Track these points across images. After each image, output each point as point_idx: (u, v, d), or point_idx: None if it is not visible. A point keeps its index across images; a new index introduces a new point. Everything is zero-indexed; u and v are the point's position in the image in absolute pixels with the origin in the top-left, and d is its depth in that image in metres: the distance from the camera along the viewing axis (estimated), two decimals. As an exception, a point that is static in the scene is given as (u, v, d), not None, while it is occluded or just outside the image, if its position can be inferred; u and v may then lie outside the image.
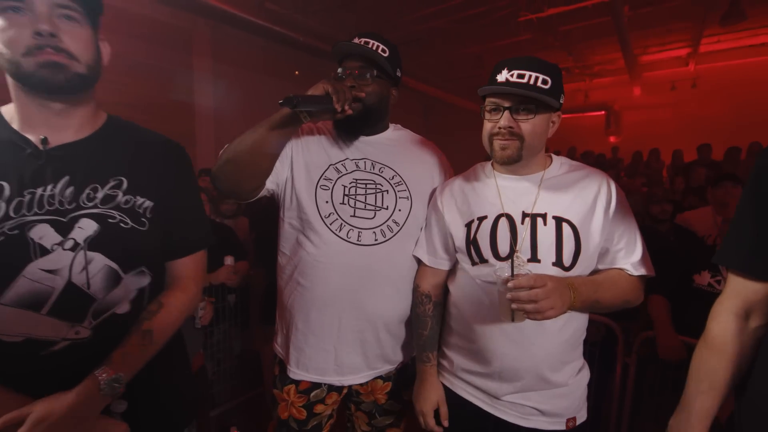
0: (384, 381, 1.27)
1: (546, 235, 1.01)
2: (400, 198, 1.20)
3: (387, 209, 1.18)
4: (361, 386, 1.26)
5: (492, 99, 1.02)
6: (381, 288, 1.18)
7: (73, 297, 0.80)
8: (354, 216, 1.16)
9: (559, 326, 1.02)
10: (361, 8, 5.58)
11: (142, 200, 0.88)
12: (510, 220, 1.04)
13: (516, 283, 0.88)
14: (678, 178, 4.90)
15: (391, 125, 1.32)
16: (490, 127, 1.03)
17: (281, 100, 0.97)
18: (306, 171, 1.19)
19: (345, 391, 1.28)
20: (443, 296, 1.21)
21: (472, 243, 1.07)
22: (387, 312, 1.20)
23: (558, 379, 1.05)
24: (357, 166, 1.21)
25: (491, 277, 0.98)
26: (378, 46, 1.16)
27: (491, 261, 1.04)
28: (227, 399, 2.70)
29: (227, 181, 1.13)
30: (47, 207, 0.80)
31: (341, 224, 1.16)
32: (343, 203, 1.17)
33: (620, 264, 1.05)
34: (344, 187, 1.18)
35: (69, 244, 0.80)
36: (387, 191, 1.20)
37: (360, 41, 1.16)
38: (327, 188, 1.18)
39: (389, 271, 1.19)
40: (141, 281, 0.89)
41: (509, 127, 0.99)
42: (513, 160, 1.02)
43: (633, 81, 8.54)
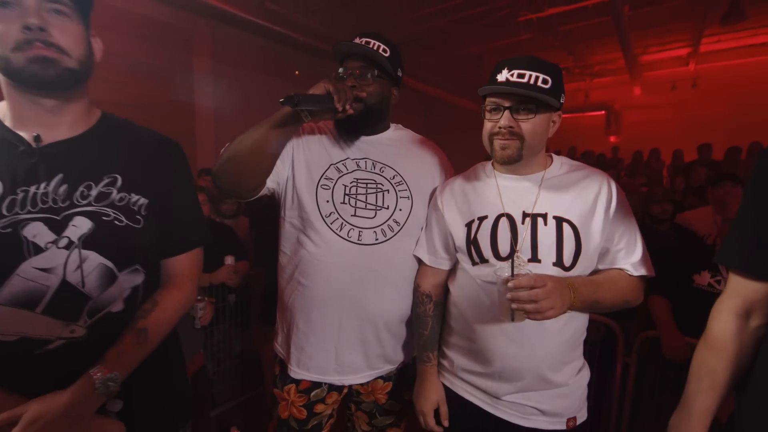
0: (384, 381, 1.27)
1: (546, 235, 1.01)
2: (401, 197, 1.20)
3: (388, 209, 1.18)
4: (362, 386, 1.26)
5: (492, 99, 1.02)
6: (382, 287, 1.18)
7: (68, 296, 0.79)
8: (355, 215, 1.16)
9: (560, 326, 1.02)
10: (361, 8, 5.57)
11: (137, 198, 0.87)
12: (510, 220, 1.04)
13: (516, 283, 0.88)
14: (678, 178, 4.90)
15: (392, 125, 1.32)
16: (491, 127, 1.03)
17: (282, 99, 0.97)
18: (307, 170, 1.19)
19: (345, 391, 1.28)
20: (444, 296, 1.21)
21: (473, 243, 1.07)
22: (388, 311, 1.20)
23: (558, 379, 1.05)
24: (358, 166, 1.21)
25: (492, 277, 0.98)
26: (379, 46, 1.16)
27: (492, 261, 1.04)
28: (227, 399, 2.70)
29: (228, 180, 1.13)
30: (41, 205, 0.79)
31: (342, 223, 1.16)
32: (344, 202, 1.17)
33: (620, 264, 1.05)
34: (345, 187, 1.18)
35: (63, 243, 0.79)
36: (388, 191, 1.20)
37: (361, 41, 1.16)
38: (328, 187, 1.18)
39: (390, 271, 1.19)
40: (135, 279, 0.88)
41: (509, 127, 0.99)
42: (513, 160, 1.02)
43: (633, 81, 8.53)
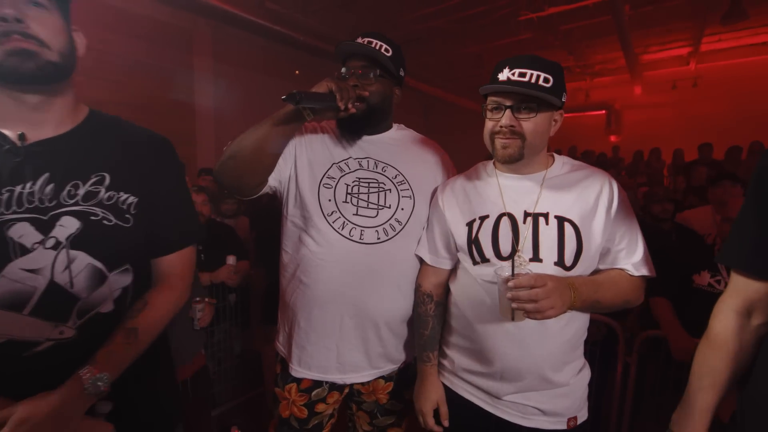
0: (386, 381, 1.27)
1: (548, 235, 1.01)
2: (403, 197, 1.20)
3: (390, 208, 1.18)
4: (363, 386, 1.26)
5: (493, 98, 1.02)
6: (383, 287, 1.18)
7: (56, 296, 0.78)
8: (357, 214, 1.17)
9: (561, 326, 1.02)
10: (361, 8, 5.57)
11: (126, 196, 0.86)
12: (512, 220, 1.04)
13: (516, 283, 0.88)
14: (679, 178, 4.90)
15: (395, 125, 1.32)
16: (492, 126, 1.03)
17: (284, 96, 0.98)
18: (309, 169, 1.19)
19: (346, 391, 1.28)
20: (445, 296, 1.21)
21: (474, 242, 1.07)
22: (389, 311, 1.20)
23: (559, 379, 1.05)
24: (360, 165, 1.21)
25: (493, 277, 0.98)
26: (381, 46, 1.16)
27: (493, 260, 1.04)
28: (228, 399, 2.71)
29: (230, 177, 1.14)
30: (27, 205, 0.77)
31: (344, 222, 1.16)
32: (346, 201, 1.17)
33: (621, 264, 1.05)
34: (347, 186, 1.18)
35: (50, 243, 0.78)
36: (390, 190, 1.20)
37: (363, 41, 1.17)
38: (330, 186, 1.18)
39: (391, 270, 1.19)
40: (125, 279, 0.87)
41: (511, 126, 0.99)
42: (514, 159, 1.02)
43: (634, 80, 8.51)
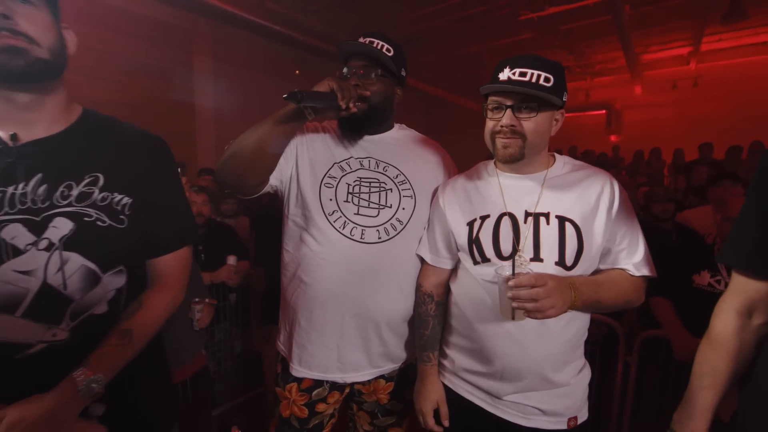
0: (387, 381, 1.27)
1: (549, 235, 1.01)
2: (404, 197, 1.20)
3: (391, 207, 1.18)
4: (364, 386, 1.26)
5: (494, 97, 1.02)
6: (384, 286, 1.18)
7: (49, 298, 0.77)
8: (358, 214, 1.17)
9: (562, 326, 1.02)
10: (361, 8, 5.57)
11: (120, 197, 0.85)
12: (513, 219, 1.04)
13: (517, 282, 0.88)
14: (679, 177, 4.89)
15: (396, 125, 1.32)
16: (492, 126, 1.03)
17: (286, 95, 0.98)
18: (310, 168, 1.19)
19: (347, 391, 1.28)
20: (445, 296, 1.21)
21: (475, 242, 1.07)
22: (389, 310, 1.20)
23: (560, 379, 1.05)
24: (361, 165, 1.21)
25: (493, 277, 0.98)
26: (383, 46, 1.16)
27: (494, 260, 1.04)
28: (228, 398, 2.71)
29: (231, 176, 1.14)
30: (19, 206, 0.76)
31: (345, 222, 1.16)
32: (347, 201, 1.17)
33: (622, 264, 1.05)
34: (348, 185, 1.18)
35: (43, 244, 0.77)
36: (391, 190, 1.20)
37: (365, 40, 1.17)
38: (331, 186, 1.18)
39: (392, 270, 1.19)
40: (119, 280, 0.86)
41: (511, 126, 0.99)
42: (515, 159, 1.02)
43: (634, 80, 8.51)
